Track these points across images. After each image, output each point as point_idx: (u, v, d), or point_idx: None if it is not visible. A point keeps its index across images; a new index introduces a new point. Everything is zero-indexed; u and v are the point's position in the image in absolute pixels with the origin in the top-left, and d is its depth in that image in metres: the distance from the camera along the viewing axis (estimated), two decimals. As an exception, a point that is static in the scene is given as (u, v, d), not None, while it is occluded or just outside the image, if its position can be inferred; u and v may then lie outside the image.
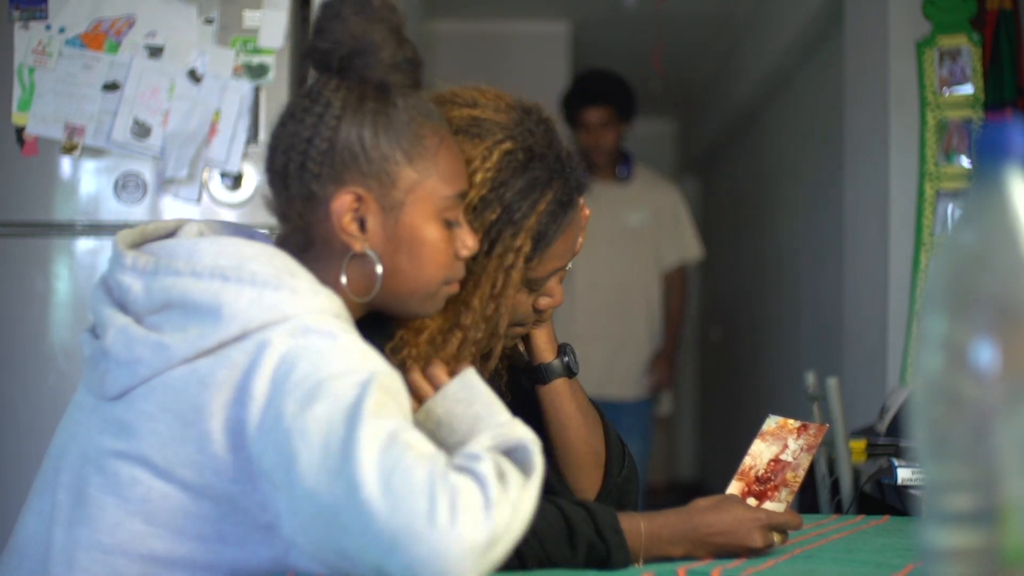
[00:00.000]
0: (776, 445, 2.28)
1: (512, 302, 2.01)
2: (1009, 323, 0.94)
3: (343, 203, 1.78)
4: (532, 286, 2.06)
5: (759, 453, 2.27)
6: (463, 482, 1.48)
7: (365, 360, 1.64)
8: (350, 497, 1.47)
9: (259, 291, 1.66)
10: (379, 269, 1.81)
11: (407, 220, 1.81)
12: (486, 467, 1.53)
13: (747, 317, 9.39)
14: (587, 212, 2.13)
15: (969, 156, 4.53)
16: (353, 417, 1.52)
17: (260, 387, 1.60)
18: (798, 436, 2.28)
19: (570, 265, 2.15)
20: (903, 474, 2.87)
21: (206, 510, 1.65)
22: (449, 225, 1.86)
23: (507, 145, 1.99)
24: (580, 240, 2.13)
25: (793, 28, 6.92)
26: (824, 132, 6.64)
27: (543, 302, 2.10)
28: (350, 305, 1.82)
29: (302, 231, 1.83)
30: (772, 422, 2.34)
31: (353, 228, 1.79)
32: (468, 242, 1.88)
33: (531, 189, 1.98)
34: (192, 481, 1.64)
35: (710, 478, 11.08)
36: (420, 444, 1.54)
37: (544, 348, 2.24)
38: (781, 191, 8.17)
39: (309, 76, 1.88)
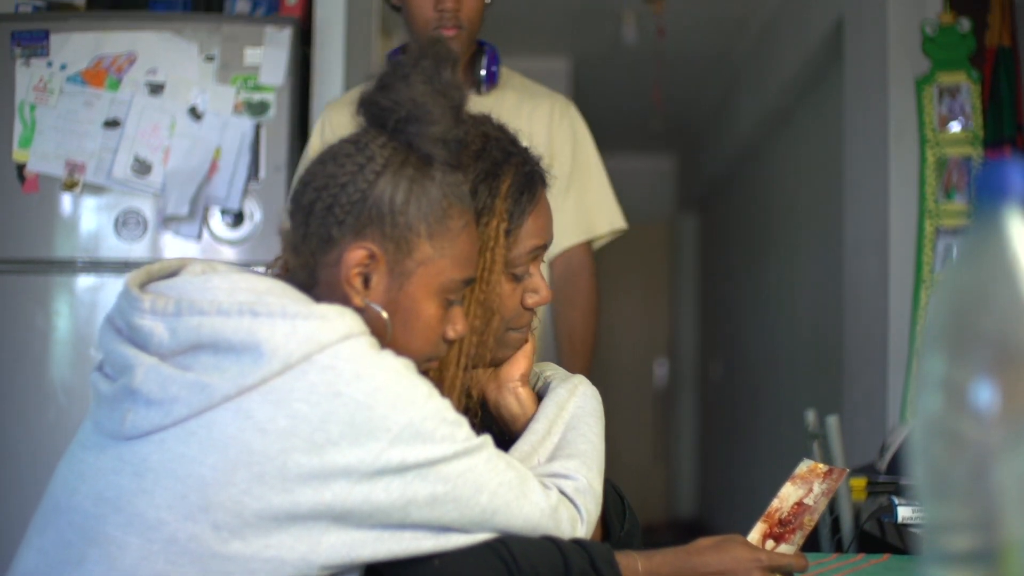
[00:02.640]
0: (803, 488, 2.28)
1: (500, 289, 2.02)
2: (1009, 363, 0.94)
3: (356, 256, 1.79)
4: (514, 271, 2.06)
5: (787, 496, 2.27)
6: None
7: (418, 388, 1.70)
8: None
9: (291, 322, 1.66)
10: (385, 316, 1.81)
11: (411, 290, 1.82)
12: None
13: (747, 354, 9.38)
14: None
15: (968, 194, 4.54)
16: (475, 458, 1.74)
17: (335, 431, 1.63)
18: (823, 480, 2.28)
19: (546, 258, 2.19)
20: (903, 512, 2.86)
21: (236, 550, 1.65)
22: (447, 304, 1.87)
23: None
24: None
25: (793, 65, 6.94)
26: (824, 169, 6.64)
27: (530, 299, 2.10)
28: None
29: (309, 269, 1.84)
30: (804, 466, 2.34)
31: (357, 282, 1.80)
32: (458, 326, 1.90)
33: (492, 172, 2.02)
34: (227, 523, 1.64)
35: (710, 516, 11.06)
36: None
37: (520, 414, 2.20)
38: (781, 228, 8.17)
39: (351, 114, 1.90)
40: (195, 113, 4.22)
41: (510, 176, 2.03)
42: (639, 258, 11.96)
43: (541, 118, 3.45)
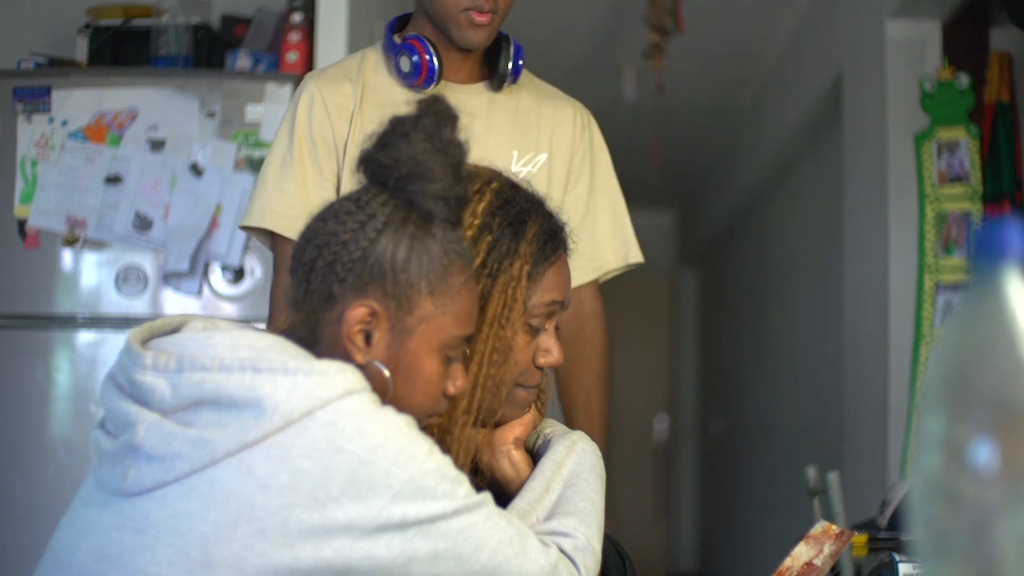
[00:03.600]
0: (815, 549, 2.28)
1: (516, 337, 2.02)
2: (1008, 422, 0.94)
3: (357, 314, 1.79)
4: (531, 321, 2.06)
5: (799, 555, 2.27)
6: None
7: (420, 445, 1.69)
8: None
9: (293, 378, 1.66)
10: (386, 373, 1.82)
11: (412, 347, 1.83)
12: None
13: (748, 409, 9.37)
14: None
15: (967, 250, 4.54)
16: (478, 515, 1.74)
17: (336, 487, 1.63)
18: (834, 541, 2.28)
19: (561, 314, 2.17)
20: (904, 569, 2.85)
21: None
22: (448, 361, 1.87)
23: (496, 185, 2.06)
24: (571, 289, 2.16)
25: (792, 120, 6.96)
26: (824, 224, 6.65)
27: (542, 358, 2.10)
28: None
29: (311, 326, 1.84)
30: (819, 526, 2.35)
31: (359, 339, 1.80)
32: (458, 381, 1.90)
33: (519, 220, 2.04)
34: None
35: (711, 572, 11.02)
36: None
37: (514, 478, 2.19)
38: (781, 283, 8.18)
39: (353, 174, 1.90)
40: (196, 169, 4.23)
41: (537, 224, 2.05)
42: (639, 312, 11.97)
43: (564, 123, 3.09)
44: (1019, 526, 0.93)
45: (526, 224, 2.04)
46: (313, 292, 1.82)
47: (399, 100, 2.81)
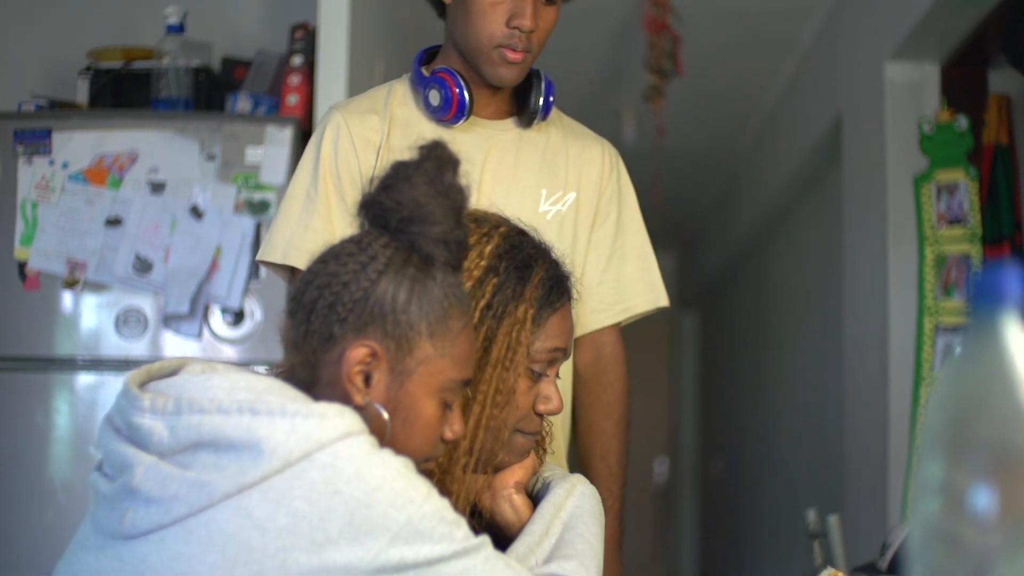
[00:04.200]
0: None
1: (519, 381, 2.02)
2: (1007, 468, 0.94)
3: (357, 355, 1.79)
4: (533, 366, 2.06)
5: None
6: None
7: (418, 487, 1.69)
8: None
9: (291, 421, 1.67)
10: (385, 415, 1.82)
11: (411, 389, 1.83)
12: None
13: (748, 451, 9.36)
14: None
15: (966, 294, 4.54)
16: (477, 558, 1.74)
17: (334, 529, 1.63)
18: None
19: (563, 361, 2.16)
20: (906, 612, 2.84)
21: None
22: (445, 405, 1.88)
23: (503, 229, 2.08)
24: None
25: (792, 162, 6.97)
26: (823, 266, 6.66)
27: (542, 405, 2.09)
28: None
29: (310, 367, 1.85)
30: (826, 572, 2.35)
31: (358, 380, 1.80)
32: (455, 426, 1.91)
33: (525, 264, 2.05)
34: None
35: (712, 613, 10.99)
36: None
37: (515, 521, 2.18)
38: (781, 325, 8.17)
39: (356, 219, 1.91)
40: (196, 212, 4.23)
41: (543, 270, 2.06)
42: (639, 355, 11.90)
43: (592, 161, 3.02)
44: (1019, 571, 0.93)
45: (532, 269, 2.05)
46: (313, 332, 1.83)
47: (427, 134, 2.76)
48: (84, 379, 4.25)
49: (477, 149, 2.82)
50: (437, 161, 1.85)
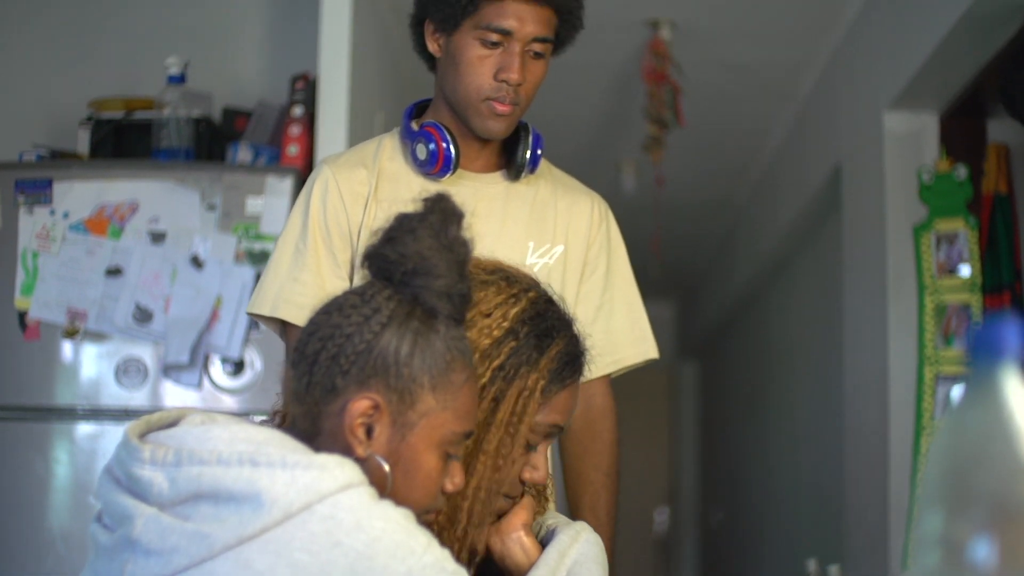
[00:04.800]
0: None
1: (522, 445, 2.02)
2: (1006, 521, 0.94)
3: (360, 407, 1.79)
4: (529, 438, 2.05)
5: None
6: None
7: (418, 538, 1.69)
8: None
9: (291, 472, 1.66)
10: (386, 467, 1.82)
11: (413, 441, 1.83)
12: None
13: (748, 500, 9.34)
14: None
15: (965, 346, 4.53)
16: None
17: None
18: None
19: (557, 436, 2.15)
20: (907, 662, 2.84)
21: None
22: (447, 458, 1.87)
23: (532, 295, 2.07)
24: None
25: (791, 212, 6.98)
26: (823, 316, 6.66)
27: (528, 473, 2.09)
28: None
29: (312, 418, 1.84)
30: None
31: (360, 433, 1.80)
32: (456, 479, 1.91)
33: (546, 334, 2.03)
34: None
35: (713, 664, 10.95)
36: None
37: (525, 563, 2.17)
38: (781, 374, 8.17)
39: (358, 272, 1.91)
40: (196, 262, 4.24)
41: (562, 343, 2.05)
42: (639, 404, 11.94)
43: (581, 215, 3.02)
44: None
45: (552, 340, 2.04)
46: (316, 384, 1.83)
47: (415, 188, 2.79)
48: (84, 428, 4.24)
49: (465, 202, 2.82)
50: (441, 214, 1.86)
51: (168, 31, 5.34)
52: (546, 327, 2.04)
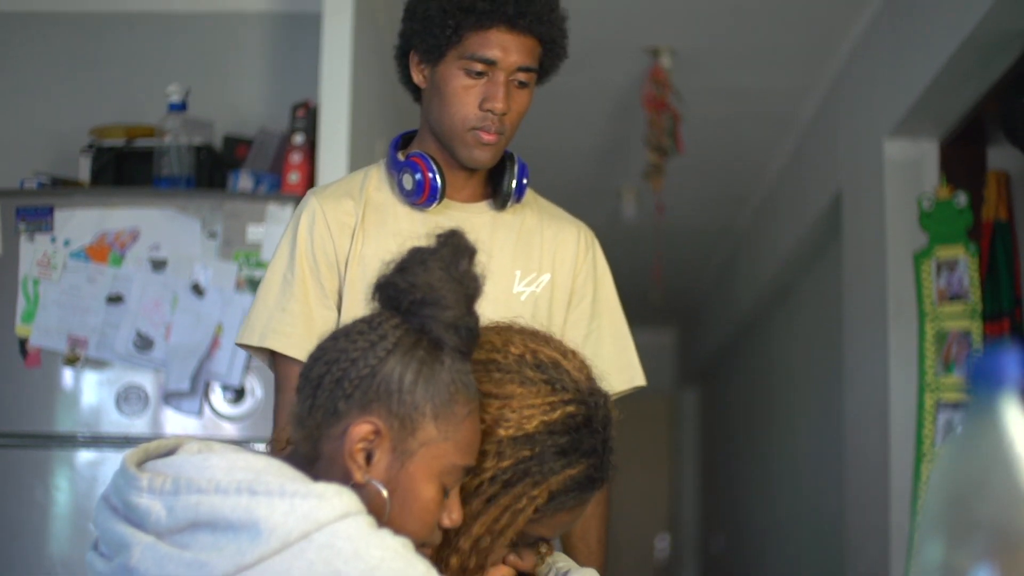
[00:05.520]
0: None
1: (503, 547, 1.99)
2: (1007, 550, 0.94)
3: (361, 431, 1.79)
4: (519, 540, 2.03)
5: None
6: None
7: (416, 567, 1.69)
8: None
9: (290, 501, 1.66)
10: (384, 494, 1.82)
11: (412, 470, 1.83)
12: None
13: (749, 528, 9.33)
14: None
15: (965, 374, 4.52)
16: None
17: None
18: None
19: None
20: None
21: None
22: (444, 491, 1.87)
23: (571, 409, 1.99)
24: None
25: (792, 240, 6.99)
26: (824, 342, 6.66)
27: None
28: None
29: (313, 441, 1.85)
30: None
31: (360, 458, 1.80)
32: (454, 514, 1.90)
33: (570, 452, 1.97)
34: None
35: None
36: None
37: None
38: (781, 401, 8.17)
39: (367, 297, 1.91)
40: (197, 289, 4.24)
41: (579, 469, 1.99)
42: (640, 431, 11.95)
43: (567, 244, 3.03)
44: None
45: (569, 462, 1.98)
46: (318, 407, 1.83)
47: (401, 218, 2.82)
48: (84, 456, 4.24)
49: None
50: (453, 248, 1.87)
51: (169, 59, 5.35)
52: (569, 447, 1.98)
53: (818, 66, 5.93)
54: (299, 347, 2.72)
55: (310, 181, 4.50)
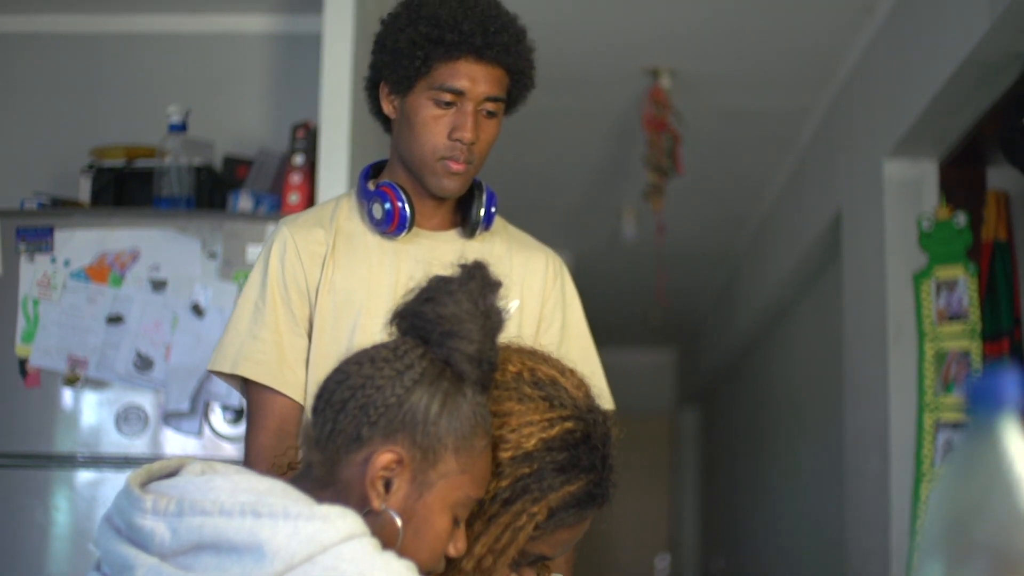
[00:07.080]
0: None
1: (505, 565, 2.00)
2: (1006, 571, 0.94)
3: (384, 459, 1.80)
4: (521, 559, 2.04)
5: None
6: None
7: None
8: None
9: (294, 523, 1.66)
10: (399, 523, 1.82)
11: (429, 500, 1.83)
12: None
13: (749, 548, 9.32)
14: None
15: (964, 395, 4.52)
16: None
17: None
18: None
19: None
20: None
21: None
22: (455, 522, 1.87)
23: (570, 425, 2.01)
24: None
25: (791, 260, 6.99)
26: (823, 362, 6.66)
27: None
28: None
29: (330, 466, 1.84)
30: None
31: (379, 486, 1.81)
32: (459, 544, 1.91)
33: (569, 469, 1.99)
34: None
35: None
36: None
37: None
38: (781, 421, 8.16)
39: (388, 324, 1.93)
40: (197, 309, 4.24)
41: (579, 485, 2.01)
42: (639, 451, 11.93)
43: (536, 272, 3.06)
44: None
45: (568, 478, 2.00)
46: (340, 432, 1.83)
47: (371, 247, 2.86)
48: (84, 476, 4.24)
49: (420, 260, 2.85)
50: (482, 281, 1.88)
51: (169, 79, 5.36)
52: (567, 463, 1.99)
53: (818, 87, 5.94)
54: (271, 375, 2.77)
55: (310, 201, 4.50)
